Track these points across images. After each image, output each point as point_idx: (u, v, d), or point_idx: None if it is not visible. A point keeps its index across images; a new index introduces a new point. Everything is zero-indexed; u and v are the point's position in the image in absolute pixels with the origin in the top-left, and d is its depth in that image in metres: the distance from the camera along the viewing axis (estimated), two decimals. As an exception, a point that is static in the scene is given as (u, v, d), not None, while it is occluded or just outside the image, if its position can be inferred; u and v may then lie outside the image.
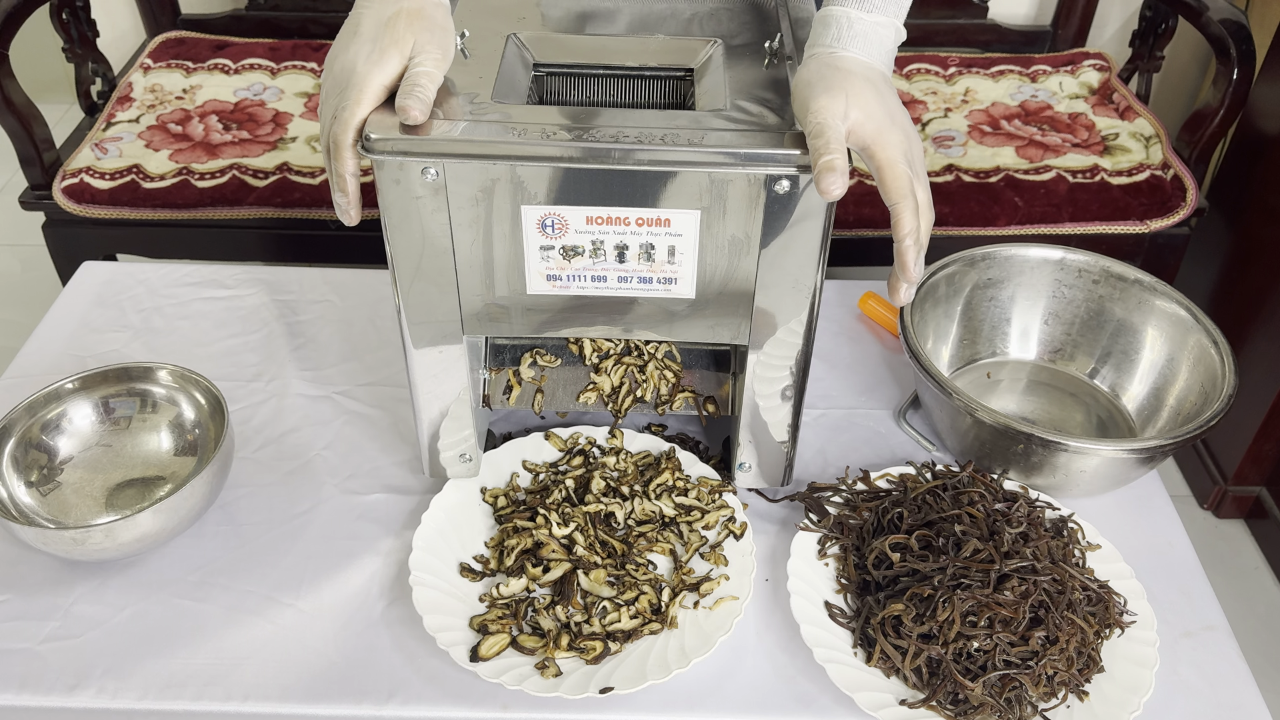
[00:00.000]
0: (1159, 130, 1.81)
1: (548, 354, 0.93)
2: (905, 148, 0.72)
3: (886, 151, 0.72)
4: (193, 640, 0.82)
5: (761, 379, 0.85)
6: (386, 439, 0.99)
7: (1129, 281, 1.02)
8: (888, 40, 0.77)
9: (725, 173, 0.72)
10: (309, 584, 0.86)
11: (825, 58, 0.75)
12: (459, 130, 0.72)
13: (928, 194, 0.73)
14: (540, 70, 0.84)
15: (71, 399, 0.93)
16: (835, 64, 0.75)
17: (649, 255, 0.77)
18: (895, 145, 0.72)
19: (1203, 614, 0.86)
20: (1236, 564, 1.74)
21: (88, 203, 1.65)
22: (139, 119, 1.81)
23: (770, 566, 0.88)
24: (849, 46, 0.76)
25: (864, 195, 1.69)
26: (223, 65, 1.95)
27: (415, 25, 0.74)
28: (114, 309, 1.13)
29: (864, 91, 0.73)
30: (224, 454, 0.87)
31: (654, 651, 0.80)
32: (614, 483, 0.91)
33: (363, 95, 0.72)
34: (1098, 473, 0.89)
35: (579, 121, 0.73)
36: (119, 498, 0.91)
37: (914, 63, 2.01)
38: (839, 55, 0.75)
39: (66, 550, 0.82)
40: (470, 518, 0.90)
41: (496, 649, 0.79)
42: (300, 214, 1.67)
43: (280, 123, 1.82)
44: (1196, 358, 0.97)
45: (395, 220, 0.75)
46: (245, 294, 1.15)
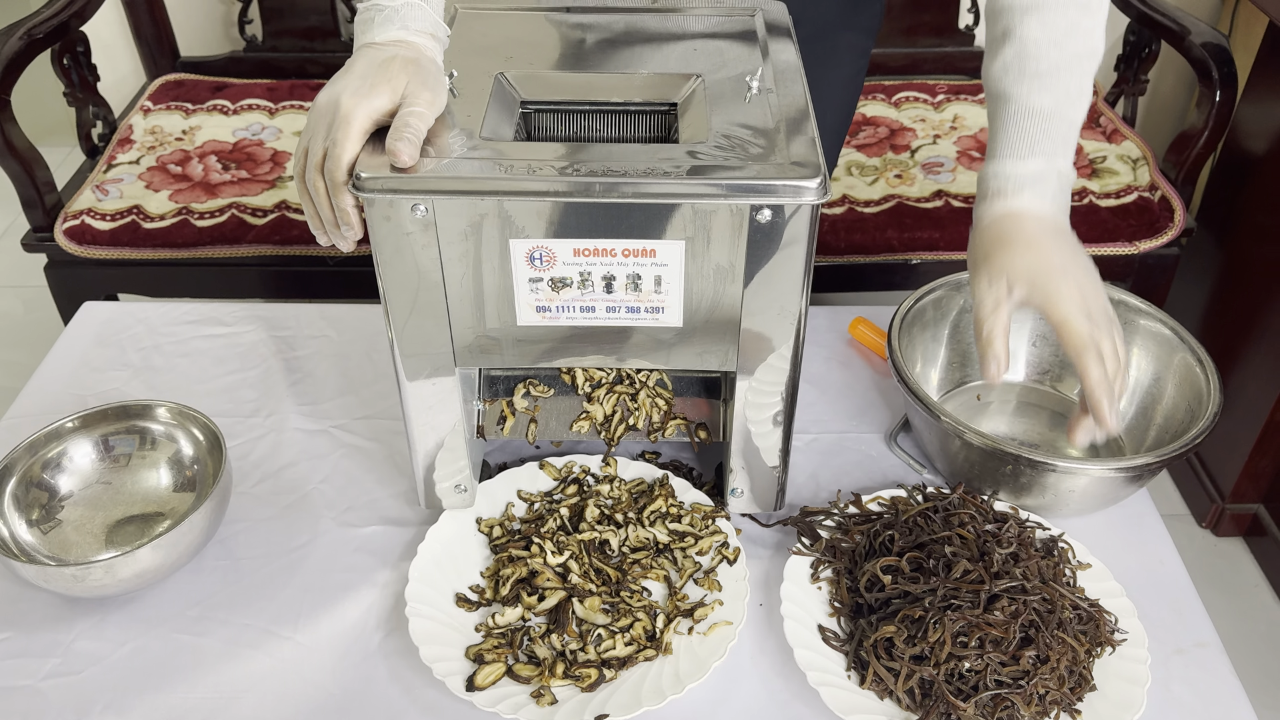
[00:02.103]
0: (1146, 152, 1.83)
1: (540, 384, 0.95)
2: (1080, 300, 0.74)
3: (1058, 311, 0.74)
4: (192, 674, 0.83)
5: (752, 405, 0.86)
6: (383, 471, 1.00)
7: (1115, 303, 1.03)
8: (1050, 183, 0.77)
9: (708, 204, 0.74)
10: (307, 617, 0.87)
11: (991, 225, 0.78)
12: (448, 167, 0.73)
13: (1113, 342, 0.74)
14: (527, 107, 0.86)
15: (72, 437, 0.94)
16: (1000, 233, 0.77)
17: (636, 285, 0.78)
18: (1068, 300, 0.74)
19: (1195, 631, 0.87)
20: (1236, 582, 1.74)
21: (89, 244, 1.68)
22: (139, 160, 1.84)
23: (764, 591, 0.89)
24: (1012, 201, 0.78)
25: (854, 222, 1.71)
26: (221, 106, 1.98)
27: (409, 69, 0.76)
28: (114, 348, 1.15)
29: (1024, 258, 0.75)
30: (222, 489, 0.88)
31: (649, 678, 0.80)
32: (608, 510, 0.92)
33: (350, 131, 0.73)
34: (1087, 492, 0.90)
35: (565, 157, 0.74)
36: (119, 534, 0.92)
37: (902, 90, 2.03)
38: (1002, 220, 0.78)
39: (67, 587, 0.83)
40: (466, 548, 0.91)
41: (492, 678, 0.80)
42: (298, 251, 1.69)
43: (278, 161, 1.84)
44: (1182, 376, 0.98)
45: (387, 256, 0.76)
46: (243, 331, 1.17)
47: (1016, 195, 0.78)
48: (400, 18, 0.78)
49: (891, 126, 1.94)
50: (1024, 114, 0.78)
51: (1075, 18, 0.77)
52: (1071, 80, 0.77)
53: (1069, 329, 0.74)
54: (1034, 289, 0.75)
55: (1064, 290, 0.74)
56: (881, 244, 1.70)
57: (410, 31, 0.78)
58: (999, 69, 0.81)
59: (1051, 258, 0.76)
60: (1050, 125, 0.78)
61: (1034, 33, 0.78)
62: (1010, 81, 0.79)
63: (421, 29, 0.78)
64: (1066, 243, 0.77)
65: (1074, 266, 0.76)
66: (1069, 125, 0.78)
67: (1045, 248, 0.76)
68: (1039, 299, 0.75)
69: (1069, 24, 0.77)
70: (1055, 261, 0.75)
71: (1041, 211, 0.77)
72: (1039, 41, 0.77)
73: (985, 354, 0.75)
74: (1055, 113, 0.77)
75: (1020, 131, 0.79)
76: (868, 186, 1.79)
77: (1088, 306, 0.74)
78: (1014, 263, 0.76)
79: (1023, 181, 0.78)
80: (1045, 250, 0.76)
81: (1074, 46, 0.77)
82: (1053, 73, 0.78)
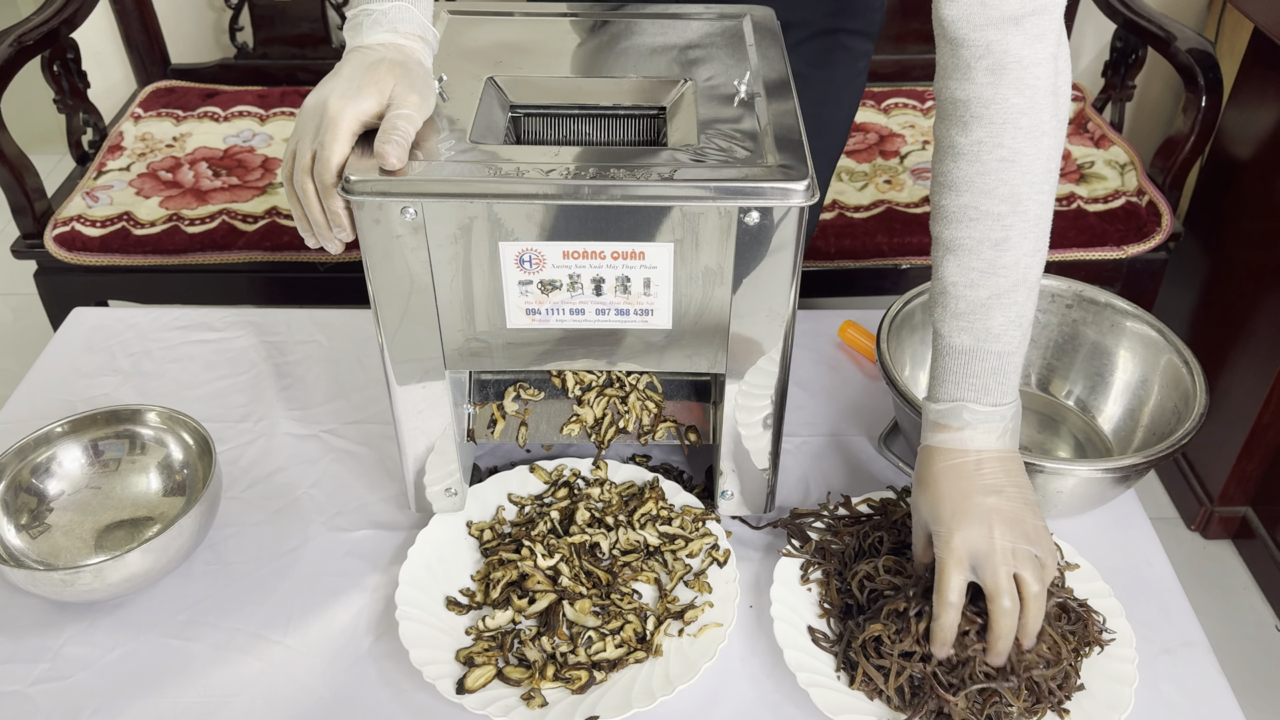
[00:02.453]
0: (1133, 158, 1.84)
1: (531, 387, 0.95)
2: (966, 544, 0.76)
3: (938, 556, 0.77)
4: (182, 679, 0.83)
5: (741, 408, 0.87)
6: (373, 476, 1.00)
7: (1101, 305, 1.04)
8: (961, 418, 0.79)
9: (697, 206, 0.74)
10: (297, 621, 0.87)
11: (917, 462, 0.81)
12: (437, 170, 0.74)
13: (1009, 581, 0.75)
14: (517, 111, 0.86)
15: (61, 442, 0.94)
16: (917, 472, 0.81)
17: (625, 288, 0.79)
18: (947, 546, 0.76)
19: (1182, 631, 0.87)
20: (1225, 584, 1.75)
21: (79, 250, 1.67)
22: (130, 167, 1.84)
23: (754, 593, 0.89)
24: (929, 437, 0.81)
25: (844, 227, 1.72)
26: (212, 113, 1.98)
27: (397, 71, 0.76)
28: (104, 354, 1.15)
29: (924, 498, 0.79)
30: (212, 494, 0.88)
31: (639, 680, 0.80)
32: (598, 513, 0.92)
33: (338, 133, 0.73)
34: (1075, 493, 0.91)
35: (554, 159, 0.75)
36: (108, 539, 0.92)
37: (892, 97, 2.04)
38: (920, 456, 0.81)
39: (56, 592, 0.82)
40: (456, 551, 0.91)
41: (483, 681, 0.80)
42: (289, 257, 1.69)
43: (269, 168, 1.84)
44: (1169, 378, 0.98)
45: (376, 259, 0.77)
46: (234, 336, 1.17)
47: (931, 432, 0.81)
48: (389, 20, 0.78)
49: (881, 132, 1.95)
50: (946, 352, 0.81)
51: (991, 257, 0.77)
52: (994, 318, 0.78)
53: (939, 577, 0.77)
54: (934, 532, 0.78)
55: (947, 534, 0.77)
56: (871, 249, 1.70)
57: (399, 34, 0.78)
58: (929, 300, 0.84)
59: (943, 500, 0.78)
60: (972, 363, 0.79)
61: (952, 275, 0.79)
62: (937, 317, 0.82)
63: (410, 32, 0.79)
64: (972, 478, 0.78)
65: (969, 505, 0.77)
66: (996, 358, 0.79)
67: (940, 488, 0.78)
68: (936, 541, 0.78)
69: (985, 264, 0.78)
70: (946, 504, 0.78)
71: (950, 445, 0.79)
72: (957, 284, 0.79)
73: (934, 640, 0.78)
74: (977, 350, 0.79)
75: (941, 369, 0.81)
76: (857, 192, 1.80)
77: (976, 549, 0.76)
78: (918, 504, 0.81)
79: (935, 418, 0.81)
80: (939, 490, 0.78)
81: (993, 285, 0.78)
82: (970, 313, 0.79)
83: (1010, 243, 0.77)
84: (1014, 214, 0.77)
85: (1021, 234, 0.77)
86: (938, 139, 0.80)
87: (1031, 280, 0.79)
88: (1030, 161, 0.76)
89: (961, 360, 0.80)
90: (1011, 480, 0.79)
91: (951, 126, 0.78)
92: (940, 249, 0.81)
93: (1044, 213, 0.78)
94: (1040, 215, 0.78)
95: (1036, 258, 0.79)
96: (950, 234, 0.79)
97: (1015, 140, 0.76)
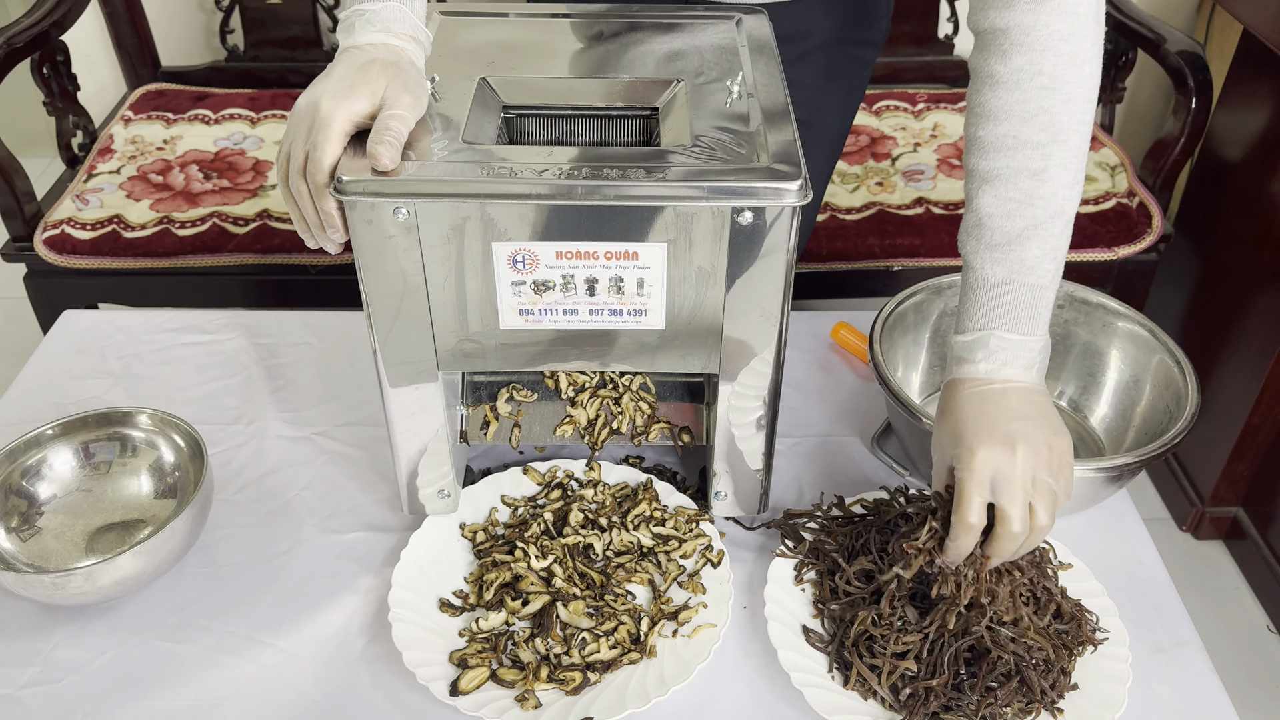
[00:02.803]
0: (1124, 159, 1.85)
1: (524, 389, 0.95)
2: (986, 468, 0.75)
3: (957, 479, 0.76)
4: (174, 682, 0.82)
5: (735, 408, 0.87)
6: (365, 478, 1.00)
7: (1093, 305, 1.04)
8: (987, 347, 0.78)
9: (690, 206, 0.74)
10: (289, 623, 0.87)
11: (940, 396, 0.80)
12: (429, 170, 0.74)
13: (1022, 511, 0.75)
14: (509, 112, 0.86)
15: (51, 445, 0.94)
16: (940, 404, 0.80)
17: (618, 288, 0.78)
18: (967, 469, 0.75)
19: (1175, 630, 0.88)
20: (1216, 584, 1.76)
21: (69, 253, 1.67)
22: (120, 170, 1.83)
23: (748, 593, 0.89)
24: (953, 371, 0.80)
25: (836, 229, 1.72)
26: (203, 116, 1.98)
27: (389, 72, 0.76)
28: (94, 356, 1.14)
29: (943, 427, 0.78)
30: (203, 496, 0.88)
31: (633, 681, 0.80)
32: (592, 514, 0.92)
33: (330, 134, 0.73)
34: (1067, 493, 0.91)
35: (547, 160, 0.75)
36: (99, 542, 0.92)
37: (883, 99, 2.05)
38: (943, 390, 0.80)
39: (47, 595, 0.82)
40: (449, 553, 0.91)
41: (476, 682, 0.80)
42: (280, 259, 1.69)
43: (260, 171, 1.84)
44: (1161, 378, 0.99)
45: (368, 260, 0.76)
46: (225, 338, 1.16)
47: (956, 366, 0.80)
48: (381, 21, 0.78)
49: (872, 135, 1.95)
50: (978, 284, 0.79)
51: (1029, 187, 0.76)
52: (1029, 250, 0.77)
53: (959, 498, 0.76)
54: (956, 455, 0.77)
55: (969, 454, 0.75)
56: (863, 250, 1.70)
57: (391, 35, 0.78)
58: (962, 234, 0.82)
59: (967, 423, 0.77)
60: (1004, 295, 0.78)
61: (988, 206, 0.78)
62: (970, 250, 0.80)
63: (403, 32, 0.79)
64: (998, 403, 0.76)
65: (994, 427, 0.75)
66: (1030, 291, 0.78)
67: (964, 413, 0.77)
68: (957, 464, 0.77)
69: (1023, 194, 0.77)
70: (970, 426, 0.76)
71: (976, 375, 0.78)
72: (992, 215, 0.78)
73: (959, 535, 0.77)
74: (1010, 282, 0.78)
75: (971, 302, 0.80)
76: (849, 194, 1.80)
77: (999, 470, 0.75)
78: (939, 436, 0.80)
79: (961, 351, 0.80)
80: (963, 415, 0.77)
81: (1030, 215, 0.77)
82: (1005, 245, 0.78)
83: (1049, 173, 0.75)
84: (1054, 143, 0.75)
85: (1061, 164, 0.75)
86: (975, 70, 0.79)
87: (1068, 214, 0.77)
88: (1071, 89, 0.75)
89: (994, 293, 0.78)
90: (1038, 409, 0.77)
91: (990, 56, 0.77)
92: (976, 181, 0.79)
93: (1083, 144, 0.76)
94: (1080, 146, 0.76)
95: (1074, 190, 0.77)
96: (987, 165, 0.78)
97: (1056, 67, 0.74)
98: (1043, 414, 0.77)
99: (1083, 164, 0.78)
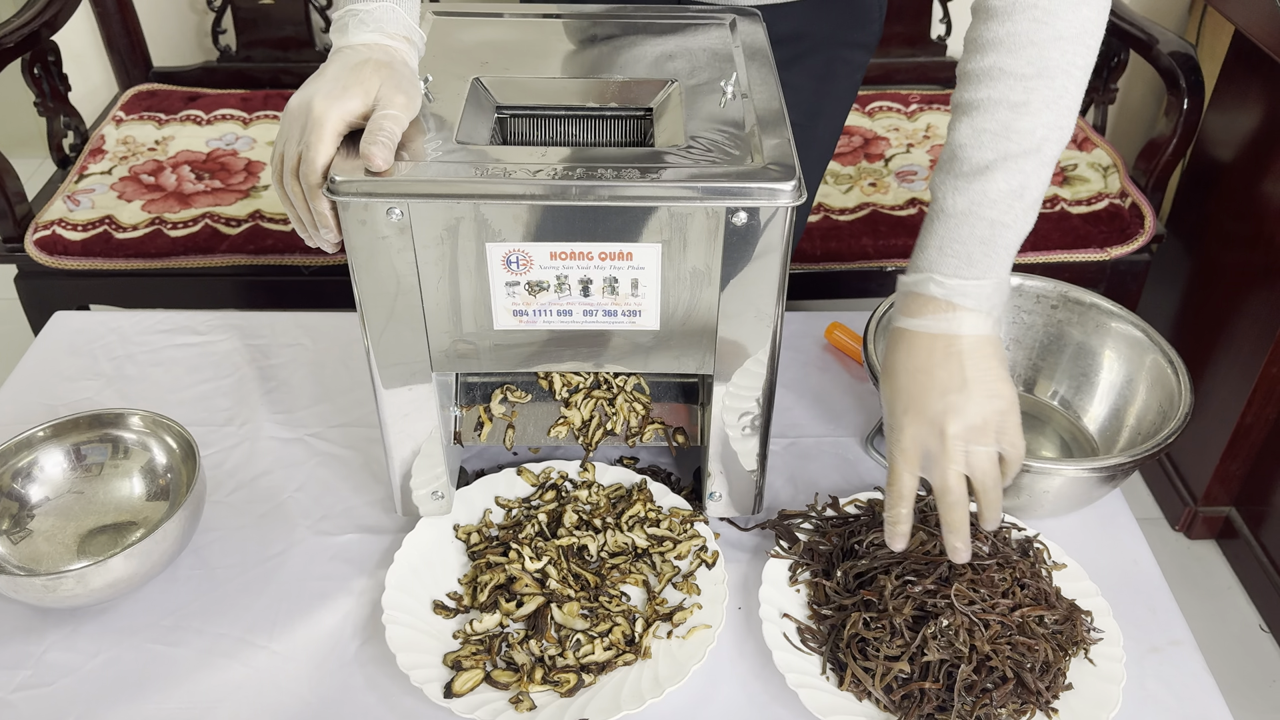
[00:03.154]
0: (1116, 160, 1.85)
1: (518, 390, 0.95)
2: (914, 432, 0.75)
3: (889, 449, 0.77)
4: (166, 685, 0.82)
5: (729, 409, 0.86)
6: (359, 479, 1.00)
7: (1086, 305, 1.04)
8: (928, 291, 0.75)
9: (684, 206, 0.74)
10: (282, 626, 0.86)
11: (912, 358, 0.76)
12: (423, 170, 0.73)
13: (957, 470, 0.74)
14: (503, 112, 0.86)
15: (43, 446, 0.93)
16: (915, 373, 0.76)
17: (613, 288, 0.78)
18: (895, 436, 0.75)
19: (1169, 629, 0.88)
20: (1209, 584, 1.76)
21: (60, 254, 1.66)
22: (111, 170, 1.83)
23: (742, 594, 0.89)
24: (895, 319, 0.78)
25: (829, 230, 1.72)
26: (195, 116, 1.97)
27: (382, 72, 0.76)
28: (86, 357, 1.14)
29: (885, 387, 0.77)
30: (196, 498, 0.87)
31: (628, 682, 0.80)
32: (586, 516, 0.92)
33: (323, 134, 0.73)
34: (1061, 493, 0.91)
35: (541, 160, 0.74)
36: (91, 544, 0.91)
37: (876, 100, 2.05)
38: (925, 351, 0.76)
39: (38, 597, 0.81)
40: (443, 555, 0.91)
41: (470, 685, 0.79)
42: (272, 260, 1.68)
43: (252, 171, 1.83)
44: (1154, 378, 0.99)
45: (362, 260, 0.76)
46: (217, 339, 1.16)
47: (901, 313, 0.78)
48: (375, 21, 0.78)
49: (865, 136, 1.96)
50: (935, 215, 0.76)
51: (1007, 119, 0.73)
52: (995, 182, 0.73)
53: (890, 473, 0.76)
54: (888, 425, 0.77)
55: (898, 432, 0.75)
56: (857, 251, 1.71)
57: (385, 35, 0.78)
58: (935, 171, 0.79)
59: (899, 395, 0.76)
60: (960, 227, 0.74)
61: (962, 136, 0.75)
62: (935, 183, 0.77)
63: (396, 33, 0.78)
64: (931, 374, 0.74)
65: (923, 404, 0.74)
66: (989, 226, 0.74)
67: (898, 381, 0.76)
68: (889, 435, 0.77)
69: (999, 126, 0.73)
70: (901, 399, 0.75)
71: (918, 330, 0.76)
72: (964, 145, 0.75)
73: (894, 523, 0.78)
74: (969, 214, 0.74)
75: (927, 233, 0.77)
76: (842, 195, 1.80)
77: (927, 449, 0.74)
78: (882, 392, 0.79)
79: (906, 288, 0.77)
80: (898, 383, 0.76)
81: (1002, 148, 0.73)
82: (971, 174, 0.74)
83: (1030, 108, 0.72)
84: (1039, 77, 0.72)
85: (1044, 102, 0.72)
86: (973, 9, 0.77)
87: (1046, 155, 0.73)
88: (1064, 26, 0.72)
89: (951, 224, 0.75)
90: (978, 371, 0.74)
91: None
92: (956, 114, 0.76)
93: (1070, 86, 0.73)
94: (1067, 88, 0.73)
95: (1056, 132, 0.74)
96: (969, 96, 0.75)
97: (1052, 1, 0.72)
98: (979, 378, 0.74)
99: (1071, 110, 0.74)
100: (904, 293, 0.78)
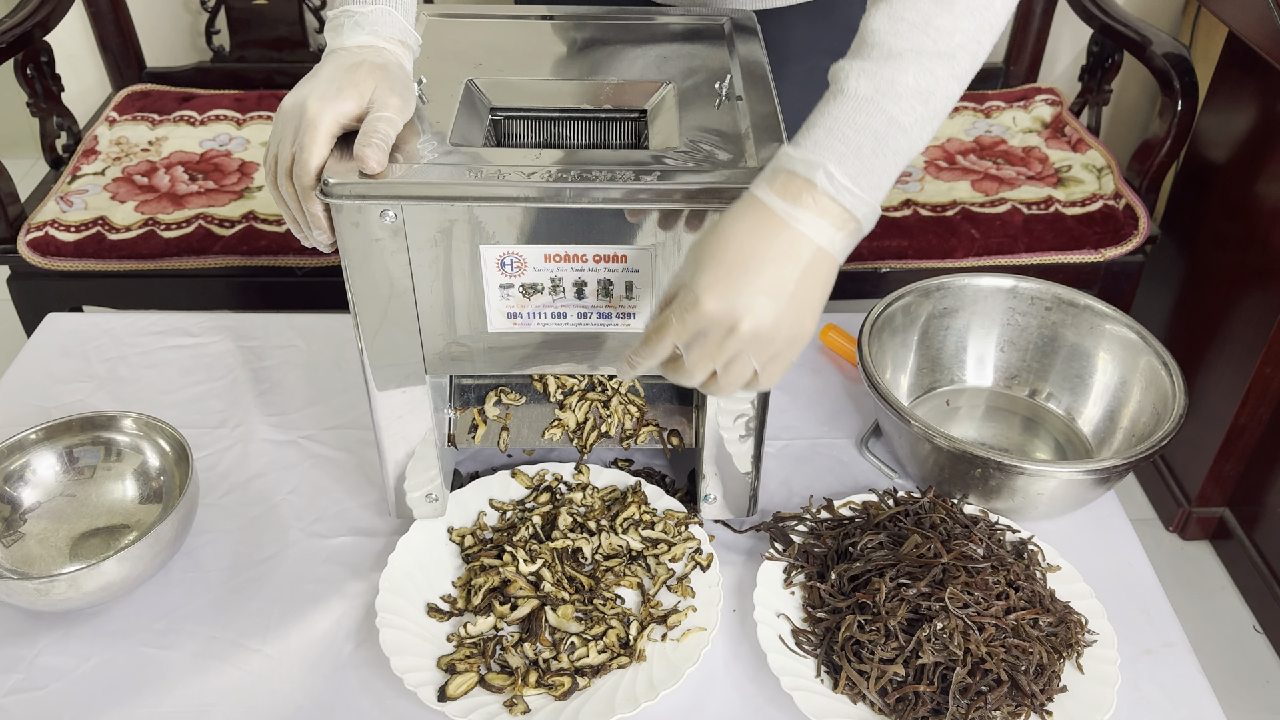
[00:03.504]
0: (1110, 161, 1.85)
1: (512, 392, 0.94)
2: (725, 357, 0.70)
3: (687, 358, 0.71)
4: (159, 688, 0.82)
5: (724, 411, 0.86)
6: (352, 481, 1.00)
7: (1080, 307, 1.04)
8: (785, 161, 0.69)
9: (677, 208, 0.74)
10: (275, 629, 0.86)
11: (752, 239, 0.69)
12: (417, 173, 0.73)
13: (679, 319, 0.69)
14: (497, 114, 0.86)
15: (35, 449, 0.93)
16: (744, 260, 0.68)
17: (607, 291, 0.78)
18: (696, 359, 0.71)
19: (1163, 631, 0.88)
20: (1203, 585, 1.76)
21: (53, 255, 1.65)
22: (104, 171, 1.82)
23: (737, 597, 0.89)
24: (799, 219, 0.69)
25: (825, 231, 1.72)
26: (188, 117, 1.97)
27: (377, 74, 0.76)
28: (79, 359, 1.13)
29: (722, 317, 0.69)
30: (189, 500, 0.87)
31: (622, 685, 0.80)
32: (581, 518, 0.92)
33: (317, 135, 0.73)
34: (1055, 495, 0.91)
35: (535, 162, 0.74)
36: (84, 547, 0.91)
37: (871, 101, 2.05)
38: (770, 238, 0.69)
39: (30, 601, 0.81)
40: (437, 558, 0.90)
41: (464, 688, 0.79)
42: (266, 261, 1.68)
43: (246, 172, 1.83)
44: (1148, 379, 0.99)
45: (355, 262, 0.76)
46: (210, 341, 1.16)
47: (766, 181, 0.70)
48: (370, 23, 0.77)
49: (860, 136, 1.96)
50: (832, 95, 0.70)
51: (929, 12, 0.68)
52: (905, 73, 0.68)
53: (658, 326, 0.71)
54: (685, 284, 0.70)
55: (692, 301, 0.68)
56: (851, 253, 1.70)
57: (380, 37, 0.78)
58: (841, 60, 0.72)
59: (716, 262, 0.68)
60: (858, 113, 0.68)
61: (877, 23, 0.69)
62: (839, 68, 0.71)
63: (391, 35, 0.78)
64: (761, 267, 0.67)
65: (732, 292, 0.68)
66: (887, 121, 0.68)
67: (722, 253, 0.68)
68: (681, 293, 0.70)
69: (920, 18, 0.68)
70: (712, 271, 0.68)
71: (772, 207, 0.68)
72: (877, 32, 0.69)
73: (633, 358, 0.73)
74: (871, 101, 0.68)
75: (819, 113, 0.70)
76: (837, 195, 1.80)
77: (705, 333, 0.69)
78: (694, 249, 0.71)
79: (780, 164, 0.70)
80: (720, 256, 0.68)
81: (919, 42, 0.68)
82: (881, 59, 0.68)
83: (954, 8, 0.68)
84: None
85: (969, 7, 0.68)
86: None
87: (959, 69, 0.69)
88: None
89: (848, 107, 0.68)
90: (804, 290, 0.69)
91: None
92: (873, 3, 0.71)
93: (998, 5, 0.69)
94: (992, 4, 0.69)
95: (972, 46, 0.69)
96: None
97: None
98: (803, 297, 0.69)
99: (992, 29, 0.70)
100: (784, 169, 0.69)
